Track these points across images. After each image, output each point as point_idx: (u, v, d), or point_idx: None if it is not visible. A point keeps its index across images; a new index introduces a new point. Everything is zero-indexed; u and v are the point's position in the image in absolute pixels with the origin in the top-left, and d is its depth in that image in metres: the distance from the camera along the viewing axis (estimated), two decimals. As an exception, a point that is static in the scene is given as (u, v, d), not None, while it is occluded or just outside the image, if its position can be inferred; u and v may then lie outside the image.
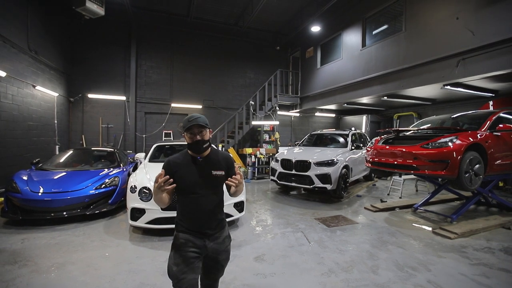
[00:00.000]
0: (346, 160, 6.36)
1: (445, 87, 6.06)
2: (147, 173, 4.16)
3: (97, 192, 4.45)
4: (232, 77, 11.02)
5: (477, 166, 4.05)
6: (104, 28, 8.96)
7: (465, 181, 3.91)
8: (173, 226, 3.61)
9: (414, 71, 5.87)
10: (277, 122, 10.95)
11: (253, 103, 10.25)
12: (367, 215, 5.10)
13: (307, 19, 9.19)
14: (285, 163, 6.52)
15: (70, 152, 5.87)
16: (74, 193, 4.25)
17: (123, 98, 9.17)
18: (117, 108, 9.24)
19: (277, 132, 11.12)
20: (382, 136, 5.40)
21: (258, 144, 11.15)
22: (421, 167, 4.10)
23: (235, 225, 4.32)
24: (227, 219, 3.94)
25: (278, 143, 11.12)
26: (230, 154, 1.72)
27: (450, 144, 3.96)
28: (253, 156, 9.45)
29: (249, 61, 11.29)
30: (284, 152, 7.08)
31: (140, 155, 5.56)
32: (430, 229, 4.25)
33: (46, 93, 7.20)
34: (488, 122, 4.43)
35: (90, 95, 8.80)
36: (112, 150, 6.31)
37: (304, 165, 6.14)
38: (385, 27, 7.07)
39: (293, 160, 6.31)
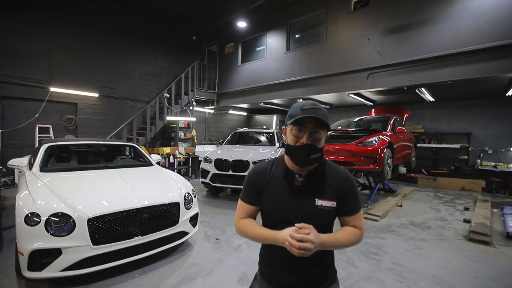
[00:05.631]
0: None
1: (350, 95, 7.36)
2: (50, 188, 2.72)
3: None
4: (141, 63, 9.18)
5: (389, 160, 5.10)
6: None
7: (385, 173, 4.83)
8: (112, 264, 2.55)
9: (333, 79, 6.77)
10: (194, 119, 10.09)
11: (168, 95, 8.96)
12: (306, 209, 5.43)
13: (230, 13, 8.87)
14: (221, 163, 6.02)
15: None
16: None
17: (-45, 71, 5.78)
18: None
19: (193, 130, 10.26)
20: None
21: (173, 142, 9.92)
22: (357, 162, 4.74)
23: (189, 244, 3.54)
24: (183, 238, 3.19)
25: (195, 141, 10.30)
26: (349, 174, 1.15)
27: (375, 143, 4.78)
28: (171, 157, 8.27)
29: (161, 48, 9.75)
30: (217, 151, 6.55)
31: (19, 161, 3.58)
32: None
33: None
34: (390, 125, 5.67)
35: None
36: None
37: (242, 165, 5.87)
38: (309, 35, 7.79)
39: (230, 160, 5.92)
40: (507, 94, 6.52)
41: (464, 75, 4.90)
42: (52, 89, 7.05)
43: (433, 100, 7.87)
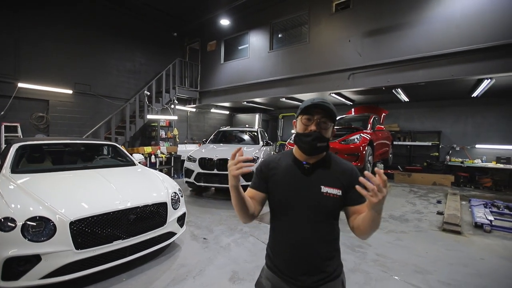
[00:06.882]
0: (262, 156, 6.62)
1: (331, 94, 7.57)
2: (25, 191, 2.53)
3: None
4: (118, 59, 8.77)
5: (370, 157, 5.32)
6: None
7: (367, 169, 5.03)
8: (97, 268, 2.44)
9: (315, 78, 6.93)
10: (175, 117, 9.84)
11: (148, 93, 8.65)
12: (291, 206, 5.53)
13: (212, 10, 8.75)
14: (205, 162, 5.94)
15: None
16: None
17: None
18: None
19: (175, 129, 10.01)
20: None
21: (153, 141, 9.60)
22: (340, 160, 4.91)
23: (176, 245, 3.46)
24: (171, 239, 3.12)
25: (177, 140, 10.06)
26: (354, 167, 1.22)
27: (357, 140, 4.97)
28: (153, 156, 8.01)
29: (140, 43, 9.37)
30: (201, 150, 6.45)
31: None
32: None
33: None
34: (370, 124, 5.92)
35: None
36: None
37: (227, 163, 5.80)
38: (292, 35, 7.89)
39: (215, 159, 5.86)
40: (472, 95, 7.07)
41: (437, 76, 5.24)
42: (20, 84, 6.52)
43: (408, 100, 8.32)
